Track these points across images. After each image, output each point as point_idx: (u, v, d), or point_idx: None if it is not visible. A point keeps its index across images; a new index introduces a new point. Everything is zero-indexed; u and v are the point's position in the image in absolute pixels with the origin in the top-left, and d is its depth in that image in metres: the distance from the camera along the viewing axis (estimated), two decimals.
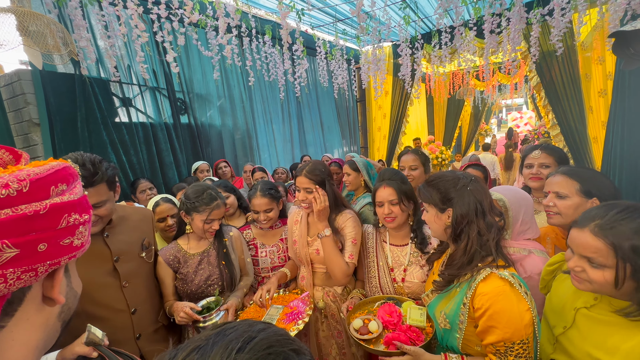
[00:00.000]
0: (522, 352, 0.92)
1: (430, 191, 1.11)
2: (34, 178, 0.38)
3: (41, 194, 0.38)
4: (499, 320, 0.92)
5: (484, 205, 1.04)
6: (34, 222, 0.37)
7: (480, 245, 1.01)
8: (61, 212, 0.40)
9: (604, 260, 0.80)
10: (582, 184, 1.23)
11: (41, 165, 0.40)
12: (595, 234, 0.81)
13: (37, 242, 0.38)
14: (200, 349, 0.39)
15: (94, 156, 1.13)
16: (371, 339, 1.20)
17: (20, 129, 2.52)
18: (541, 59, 3.51)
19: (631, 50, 1.30)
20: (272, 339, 0.40)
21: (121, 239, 1.30)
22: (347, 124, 6.19)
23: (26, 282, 0.38)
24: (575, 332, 0.94)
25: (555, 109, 3.65)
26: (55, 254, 0.40)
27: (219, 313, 1.42)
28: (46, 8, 2.19)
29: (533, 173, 1.67)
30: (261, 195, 1.76)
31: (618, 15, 2.36)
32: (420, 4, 3.65)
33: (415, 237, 1.50)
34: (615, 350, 0.82)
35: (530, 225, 1.31)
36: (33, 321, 0.43)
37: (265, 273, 1.82)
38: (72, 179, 0.44)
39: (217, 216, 1.55)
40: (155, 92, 3.28)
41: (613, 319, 0.85)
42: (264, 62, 3.35)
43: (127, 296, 1.28)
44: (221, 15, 2.36)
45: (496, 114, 15.93)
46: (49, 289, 0.43)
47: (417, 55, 3.86)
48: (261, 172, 3.21)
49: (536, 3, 2.98)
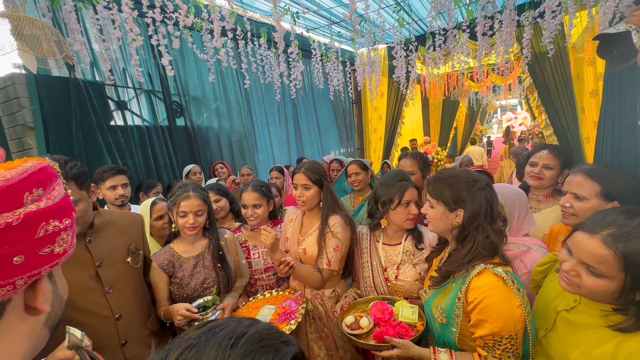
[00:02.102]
0: (509, 347, 0.93)
1: (442, 188, 1.08)
2: (4, 185, 0.34)
3: (13, 203, 0.34)
4: (489, 314, 0.94)
5: (494, 210, 1.05)
6: (6, 235, 0.34)
7: (484, 248, 1.02)
8: (38, 220, 0.36)
9: (606, 271, 0.77)
10: (603, 186, 1.17)
11: (13, 168, 0.36)
12: (607, 243, 0.77)
13: (11, 256, 0.34)
14: (193, 347, 0.39)
15: (59, 157, 1.11)
16: (362, 334, 1.22)
17: (15, 133, 2.51)
18: (534, 60, 3.56)
19: (615, 53, 1.33)
20: (263, 332, 0.42)
21: (105, 244, 1.28)
22: (343, 126, 6.21)
23: (4, 297, 0.36)
24: (555, 335, 0.94)
25: (548, 110, 3.71)
26: (34, 265, 0.37)
27: (215, 312, 1.42)
28: (40, 12, 2.18)
29: (535, 172, 1.64)
30: (252, 189, 1.79)
31: (607, 17, 2.40)
32: (414, 6, 3.69)
33: (413, 231, 1.53)
34: (588, 355, 0.82)
35: (525, 219, 1.32)
36: (17, 331, 0.41)
37: (259, 274, 1.83)
38: (50, 180, 0.40)
39: (187, 208, 1.49)
40: (151, 95, 3.28)
41: (589, 322, 0.86)
42: (260, 64, 3.36)
43: (111, 302, 1.25)
44: (216, 18, 2.37)
45: (491, 114, 16.05)
46: (32, 299, 0.41)
47: (411, 57, 3.89)
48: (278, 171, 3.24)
49: (528, 5, 3.02)
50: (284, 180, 3.23)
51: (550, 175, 1.62)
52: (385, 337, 1.12)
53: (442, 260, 1.20)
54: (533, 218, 1.35)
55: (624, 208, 0.86)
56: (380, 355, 1.12)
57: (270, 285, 1.83)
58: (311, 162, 1.68)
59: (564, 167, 1.63)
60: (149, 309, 1.46)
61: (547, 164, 1.62)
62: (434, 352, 1.05)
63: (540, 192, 1.69)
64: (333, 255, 1.55)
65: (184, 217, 1.50)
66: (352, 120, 6.24)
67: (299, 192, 1.61)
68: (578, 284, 0.83)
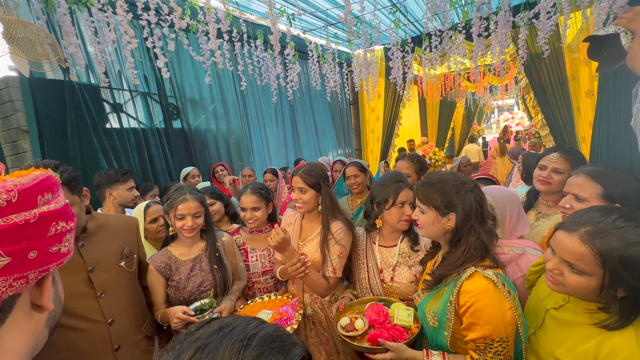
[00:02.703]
0: (500, 350, 0.94)
1: (432, 193, 1.08)
2: (21, 188, 0.39)
3: (29, 203, 0.39)
4: (480, 317, 0.94)
5: (484, 210, 1.06)
6: (25, 231, 0.38)
7: (476, 250, 1.02)
8: (50, 220, 0.41)
9: (586, 268, 0.79)
10: (605, 188, 1.15)
11: (25, 175, 0.41)
12: (584, 240, 0.79)
13: (27, 250, 0.39)
14: (205, 348, 0.41)
15: (50, 161, 1.12)
16: (356, 336, 1.21)
17: (9, 136, 2.49)
18: (529, 61, 3.58)
19: (605, 54, 1.33)
20: (273, 334, 0.44)
21: (98, 248, 1.27)
22: (340, 127, 6.22)
23: (17, 290, 0.40)
24: (543, 332, 0.96)
25: (545, 110, 3.72)
26: (44, 261, 0.41)
27: (212, 315, 1.42)
28: (35, 15, 2.18)
29: (544, 176, 1.55)
30: (250, 192, 1.77)
31: (602, 18, 2.41)
32: (410, 7, 3.70)
33: (409, 233, 1.52)
34: (572, 351, 0.84)
35: (519, 221, 1.31)
36: (22, 328, 0.44)
37: (257, 277, 1.82)
38: (57, 187, 0.46)
39: (185, 210, 1.49)
40: (147, 97, 3.27)
41: (575, 320, 0.87)
42: (257, 66, 3.36)
43: (103, 307, 1.23)
44: (211, 20, 2.37)
45: (489, 115, 16.12)
46: (38, 297, 0.45)
47: (408, 59, 3.90)
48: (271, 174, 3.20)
49: (523, 6, 3.04)
50: (277, 182, 3.20)
51: (560, 180, 1.51)
52: (379, 340, 1.11)
53: (436, 263, 1.20)
54: (527, 220, 1.34)
55: (601, 206, 0.88)
56: (374, 358, 1.11)
57: (268, 289, 1.82)
58: (310, 164, 1.65)
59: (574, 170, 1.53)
60: (144, 313, 1.45)
61: (557, 167, 1.52)
62: (427, 355, 1.05)
63: (550, 197, 1.59)
64: (338, 263, 1.52)
65: (181, 220, 1.50)
66: (349, 121, 6.24)
67: (296, 194, 1.60)
68: (562, 282, 0.85)
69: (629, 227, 0.76)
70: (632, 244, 0.74)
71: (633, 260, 0.73)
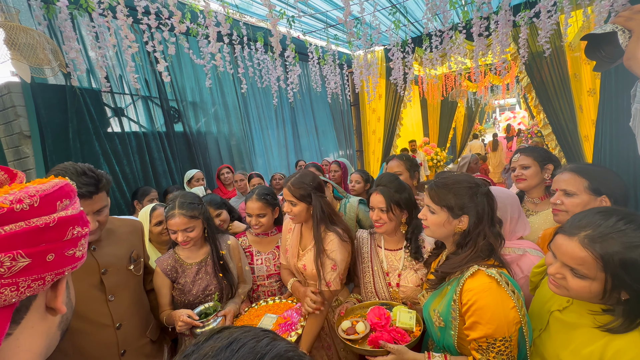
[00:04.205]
0: (503, 350, 0.92)
1: (446, 194, 1.07)
2: (43, 194, 0.41)
3: (49, 208, 0.42)
4: (482, 316, 0.93)
5: (495, 214, 1.05)
6: (45, 234, 0.40)
7: (483, 251, 1.02)
8: (67, 224, 0.43)
9: (588, 272, 0.78)
10: (590, 182, 1.20)
11: (45, 182, 0.44)
12: (584, 245, 0.78)
13: (46, 253, 0.41)
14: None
15: (88, 164, 1.14)
16: (357, 339, 1.20)
17: (11, 141, 2.51)
18: (530, 60, 3.55)
19: (602, 53, 1.31)
20: (284, 356, 0.42)
21: (109, 251, 1.27)
22: (342, 128, 6.21)
23: (35, 291, 0.41)
24: (547, 335, 0.94)
25: (546, 109, 3.69)
26: (60, 264, 0.43)
27: (216, 319, 1.42)
28: (36, 20, 2.19)
29: (516, 175, 1.70)
30: (256, 199, 1.75)
31: (603, 16, 2.40)
32: (409, 8, 3.70)
33: (409, 246, 1.49)
34: (577, 354, 0.83)
35: (519, 222, 1.31)
36: (37, 329, 0.46)
37: (261, 281, 1.81)
38: (73, 194, 0.48)
39: (174, 227, 1.45)
40: (148, 101, 3.28)
41: (580, 322, 0.86)
42: (257, 68, 3.36)
43: (112, 310, 1.24)
44: (211, 24, 2.37)
45: (490, 114, 16.06)
46: (53, 299, 0.47)
47: (408, 59, 3.90)
48: (258, 178, 3.21)
49: (523, 6, 3.03)
50: None
51: (531, 173, 1.65)
52: (380, 342, 1.10)
53: (440, 263, 1.19)
54: (527, 221, 1.34)
55: (600, 208, 0.87)
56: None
57: (273, 292, 1.81)
58: (300, 174, 1.56)
59: (542, 162, 1.64)
60: (148, 318, 1.45)
61: (522, 164, 1.67)
62: (429, 357, 1.05)
63: (533, 193, 1.70)
64: (332, 276, 1.47)
65: (174, 234, 1.50)
66: (350, 122, 6.23)
67: (287, 207, 1.54)
68: (565, 286, 0.84)
69: (629, 229, 0.76)
70: (633, 247, 0.73)
71: (635, 263, 0.72)
